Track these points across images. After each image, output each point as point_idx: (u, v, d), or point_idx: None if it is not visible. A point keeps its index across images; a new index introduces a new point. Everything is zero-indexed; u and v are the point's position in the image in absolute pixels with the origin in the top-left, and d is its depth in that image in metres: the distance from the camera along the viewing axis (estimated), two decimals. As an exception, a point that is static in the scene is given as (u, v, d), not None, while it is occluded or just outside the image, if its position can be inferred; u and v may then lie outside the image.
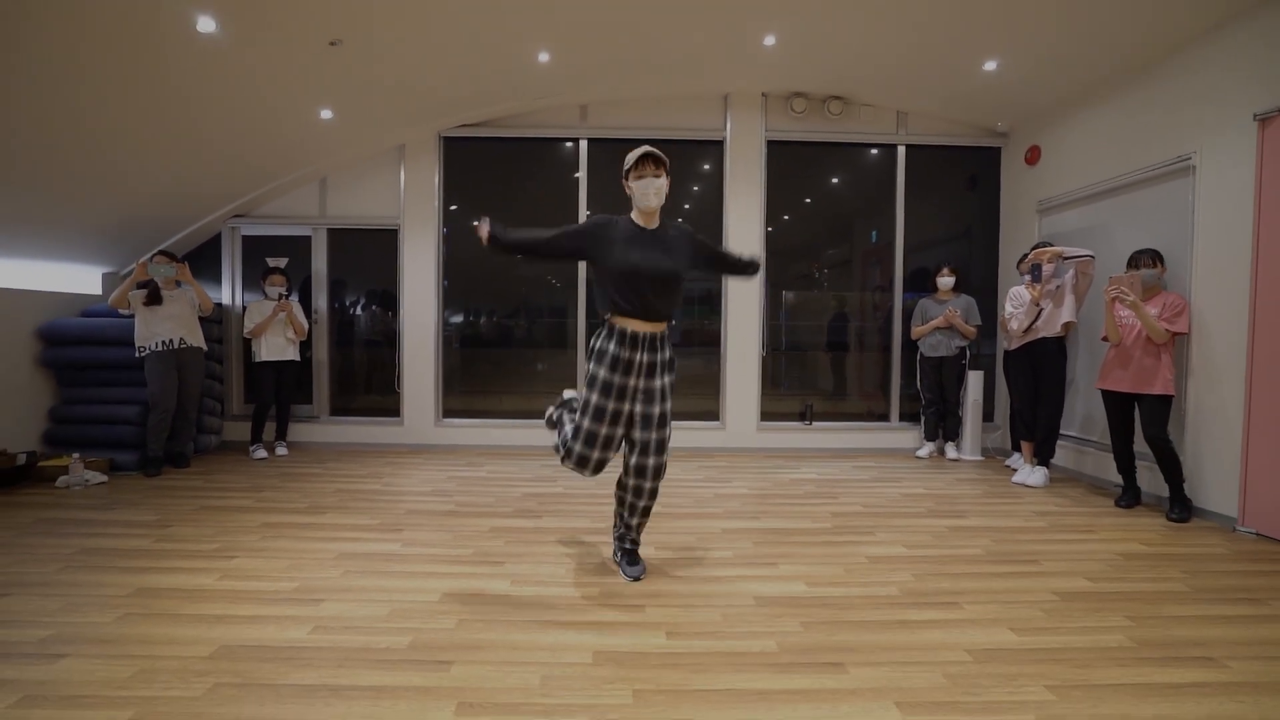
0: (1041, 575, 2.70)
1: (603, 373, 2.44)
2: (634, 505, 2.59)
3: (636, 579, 2.59)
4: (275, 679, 1.84)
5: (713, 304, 5.46)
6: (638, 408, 2.47)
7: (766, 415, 5.39)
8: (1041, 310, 4.11)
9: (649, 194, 2.41)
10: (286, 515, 3.45)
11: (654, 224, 2.49)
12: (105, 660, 1.93)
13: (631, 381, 2.45)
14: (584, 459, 2.47)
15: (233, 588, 2.49)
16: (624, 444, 2.54)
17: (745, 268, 2.70)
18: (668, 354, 2.52)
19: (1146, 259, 3.65)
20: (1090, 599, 2.45)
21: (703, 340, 5.49)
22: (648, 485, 2.51)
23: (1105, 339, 3.83)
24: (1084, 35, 3.86)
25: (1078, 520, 3.49)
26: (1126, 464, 3.78)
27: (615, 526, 2.76)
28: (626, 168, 2.45)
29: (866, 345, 5.66)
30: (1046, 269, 4.02)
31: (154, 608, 2.29)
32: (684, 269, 2.49)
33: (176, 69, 3.54)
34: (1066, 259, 3.98)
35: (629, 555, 2.68)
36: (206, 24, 3.14)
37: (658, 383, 2.47)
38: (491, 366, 5.71)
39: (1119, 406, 3.75)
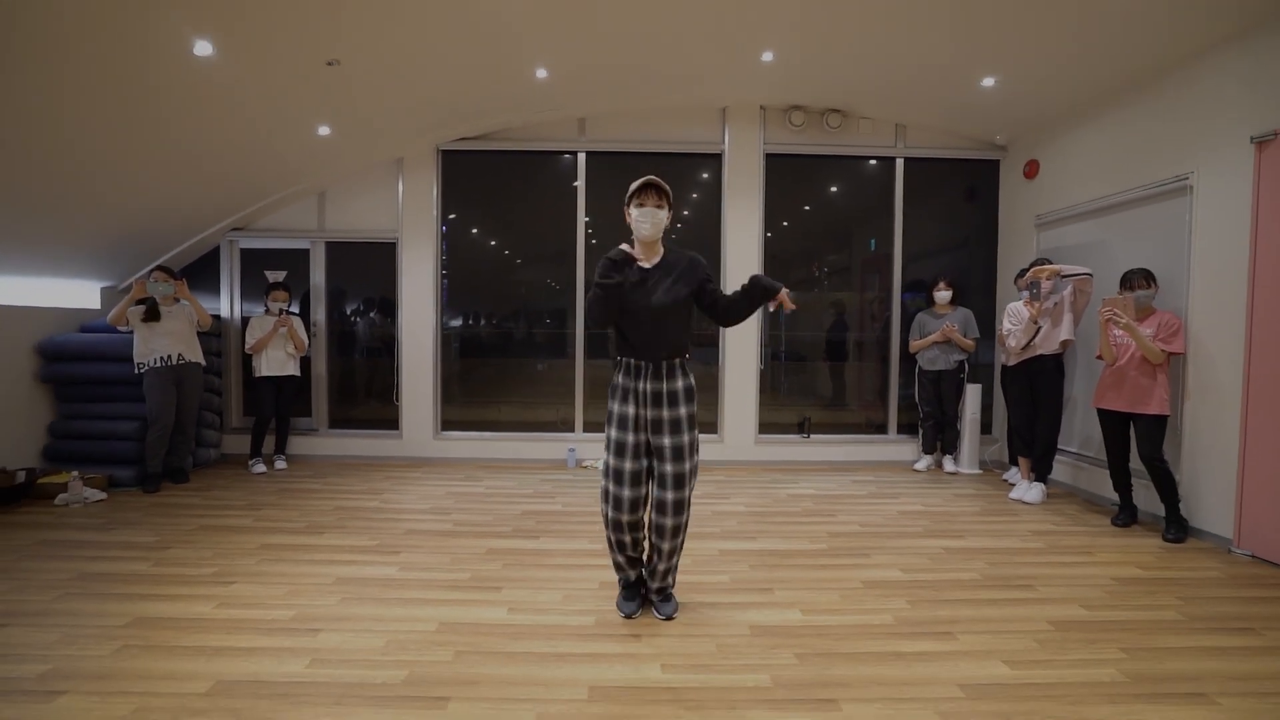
0: (1037, 602, 2.70)
1: (615, 405, 2.46)
2: (656, 546, 2.46)
3: (669, 617, 2.51)
4: (272, 717, 1.84)
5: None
6: (654, 439, 2.42)
7: (764, 426, 5.40)
8: (1040, 328, 4.11)
9: (644, 225, 2.39)
10: (284, 536, 3.46)
11: (655, 257, 2.46)
12: (102, 698, 1.93)
13: (639, 411, 2.41)
14: (613, 497, 2.42)
15: (230, 616, 2.50)
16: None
17: (755, 293, 2.43)
18: (679, 383, 2.43)
19: (1139, 279, 3.64)
20: (1085, 629, 2.46)
21: (700, 350, 5.50)
22: (668, 523, 2.40)
23: (1100, 358, 3.84)
24: (1083, 51, 3.86)
25: (1075, 541, 3.49)
26: (1123, 482, 3.79)
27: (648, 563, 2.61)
28: (629, 195, 2.43)
29: (866, 355, 5.67)
30: (1045, 286, 4.02)
31: (152, 639, 2.30)
32: (681, 302, 2.42)
33: (172, 90, 3.53)
34: (1065, 276, 3.99)
35: (660, 594, 2.57)
36: (204, 48, 3.14)
37: (666, 413, 2.39)
38: (493, 372, 5.71)
39: (1115, 426, 3.76)
